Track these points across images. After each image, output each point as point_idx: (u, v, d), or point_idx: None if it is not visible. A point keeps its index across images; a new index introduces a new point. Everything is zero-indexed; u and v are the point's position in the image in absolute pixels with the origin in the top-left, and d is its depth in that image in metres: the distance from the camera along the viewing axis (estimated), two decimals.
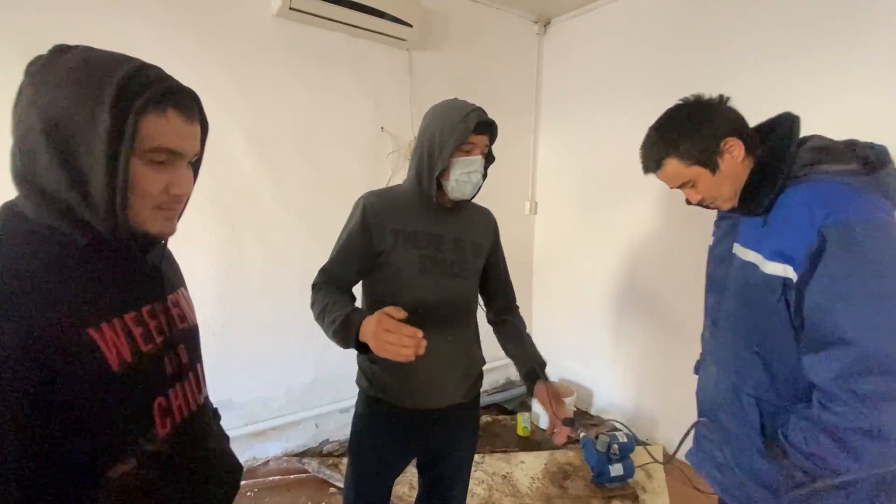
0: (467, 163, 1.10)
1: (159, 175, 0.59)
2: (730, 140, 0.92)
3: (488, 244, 1.26)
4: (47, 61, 0.55)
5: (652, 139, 1.01)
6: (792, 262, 0.82)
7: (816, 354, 0.81)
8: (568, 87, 2.67)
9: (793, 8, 1.70)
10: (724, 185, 0.95)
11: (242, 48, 1.87)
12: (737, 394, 0.96)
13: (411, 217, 1.14)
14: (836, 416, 0.77)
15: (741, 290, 0.94)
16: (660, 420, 2.38)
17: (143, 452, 0.60)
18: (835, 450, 0.78)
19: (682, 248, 2.18)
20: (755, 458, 0.92)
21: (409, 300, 1.09)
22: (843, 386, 0.76)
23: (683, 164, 0.95)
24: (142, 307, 0.64)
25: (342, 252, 1.15)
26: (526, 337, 1.31)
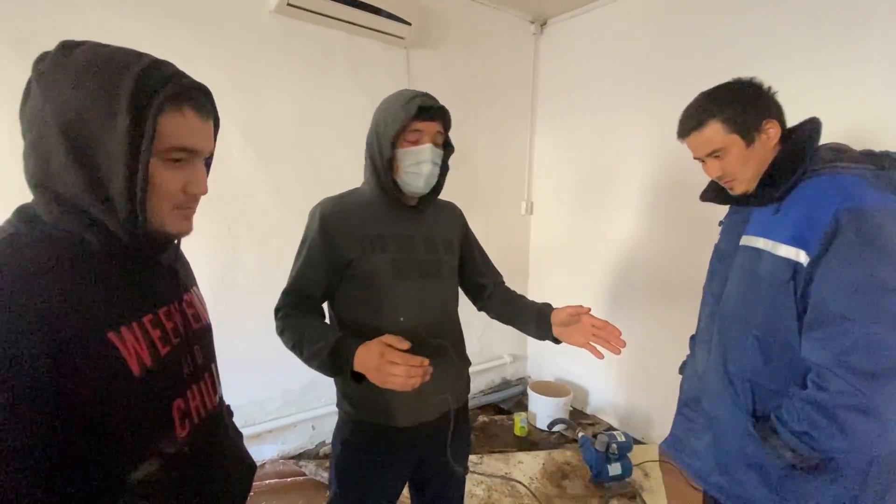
0: (414, 153, 1.01)
1: (177, 174, 0.58)
2: (771, 121, 0.95)
3: (458, 239, 1.20)
4: (56, 59, 0.53)
5: (699, 101, 1.01)
6: (806, 245, 0.85)
7: (816, 332, 0.84)
8: (564, 88, 2.68)
9: (790, 9, 1.73)
10: (749, 163, 0.96)
11: (239, 44, 1.83)
12: (730, 379, 0.99)
13: (376, 220, 1.06)
14: (831, 394, 0.80)
15: (747, 275, 0.97)
16: (654, 419, 2.40)
17: (163, 454, 0.60)
18: (827, 428, 0.81)
19: (677, 248, 2.21)
20: (744, 439, 0.94)
21: (388, 308, 1.03)
22: (842, 363, 0.79)
23: (723, 129, 0.96)
24: (158, 309, 0.62)
25: (305, 269, 1.05)
26: (519, 297, 1.24)
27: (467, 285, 1.29)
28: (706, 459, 1.03)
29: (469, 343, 2.91)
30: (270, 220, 2.01)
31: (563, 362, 2.85)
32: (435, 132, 1.03)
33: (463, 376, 1.19)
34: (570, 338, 1.08)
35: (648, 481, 2.07)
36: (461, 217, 1.26)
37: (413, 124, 1.01)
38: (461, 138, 2.51)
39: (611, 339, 1.01)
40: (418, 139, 1.02)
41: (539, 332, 1.13)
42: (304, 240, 1.08)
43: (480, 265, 1.28)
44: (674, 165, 2.21)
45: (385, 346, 0.87)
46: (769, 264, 0.91)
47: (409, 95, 1.01)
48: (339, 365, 0.92)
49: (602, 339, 1.02)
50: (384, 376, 0.85)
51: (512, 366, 3.00)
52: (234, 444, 0.78)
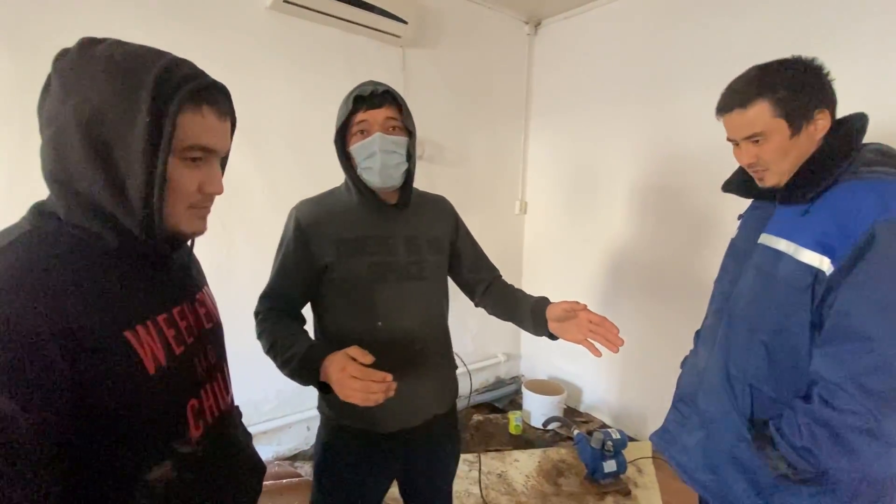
0: (363, 147, 0.96)
1: (194, 173, 0.58)
2: (824, 112, 0.86)
3: (447, 235, 1.15)
4: (77, 56, 0.52)
5: (751, 75, 0.91)
6: (832, 253, 0.79)
7: (832, 348, 0.79)
8: (558, 88, 2.70)
9: (784, 10, 1.77)
10: (789, 154, 0.88)
11: (234, 41, 1.81)
12: (730, 381, 0.95)
13: (353, 222, 1.01)
14: (840, 413, 0.76)
15: (762, 277, 0.91)
16: (648, 416, 2.44)
17: (177, 455, 0.59)
18: (830, 446, 0.77)
19: (670, 248, 2.25)
20: (737, 443, 0.92)
21: (366, 313, 1.00)
22: (857, 382, 0.74)
23: (771, 112, 0.86)
24: (172, 308, 0.62)
25: (282, 274, 1.03)
26: (516, 292, 1.18)
27: (461, 282, 1.24)
28: (695, 456, 1.02)
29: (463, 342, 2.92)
30: (265, 219, 1.99)
31: (556, 361, 2.88)
32: (383, 119, 0.96)
33: (448, 381, 1.15)
34: (565, 334, 1.03)
35: (642, 477, 2.10)
36: (451, 212, 1.19)
37: (356, 117, 0.96)
38: (456, 137, 2.55)
39: (608, 336, 0.96)
40: (367, 130, 0.96)
41: (535, 328, 1.08)
42: (280, 243, 1.05)
43: (474, 260, 1.22)
44: (666, 166, 2.24)
45: (348, 359, 0.83)
46: (788, 268, 0.85)
47: (351, 89, 0.97)
48: (307, 375, 0.90)
49: (599, 336, 0.97)
50: (344, 390, 0.82)
51: (506, 364, 3.01)
52: (245, 445, 0.78)
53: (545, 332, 1.07)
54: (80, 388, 0.48)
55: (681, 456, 1.05)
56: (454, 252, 1.18)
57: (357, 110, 0.96)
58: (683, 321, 2.23)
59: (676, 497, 1.99)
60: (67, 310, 0.48)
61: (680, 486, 2.05)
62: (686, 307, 2.20)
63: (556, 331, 1.04)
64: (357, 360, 0.83)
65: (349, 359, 0.83)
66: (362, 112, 0.95)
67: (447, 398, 1.14)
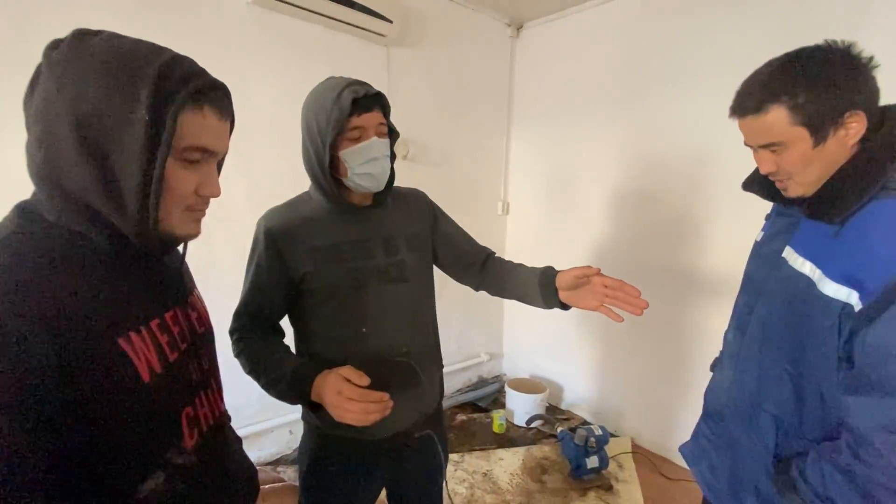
0: (360, 151, 0.91)
1: (191, 175, 0.56)
2: (858, 114, 0.72)
3: (426, 228, 1.10)
4: (71, 48, 0.50)
5: (769, 73, 0.77)
6: (861, 288, 0.69)
7: (863, 397, 0.70)
8: (539, 90, 2.73)
9: (762, 16, 1.83)
10: (815, 164, 0.76)
11: (214, 36, 1.76)
12: (753, 409, 0.88)
13: (327, 228, 0.97)
14: (866, 467, 0.69)
15: (786, 302, 0.82)
16: (626, 412, 2.49)
17: (172, 466, 0.57)
18: (854, 500, 0.70)
19: (648, 248, 2.31)
20: (762, 479, 0.87)
21: (350, 321, 0.97)
22: (885, 437, 0.67)
23: (789, 119, 0.74)
24: (165, 313, 0.60)
25: (255, 288, 0.97)
26: (517, 267, 1.11)
27: (453, 270, 1.18)
28: (721, 478, 0.97)
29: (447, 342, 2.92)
30: (246, 220, 1.92)
31: (537, 359, 2.91)
32: (377, 123, 0.92)
33: (436, 381, 1.12)
34: (580, 301, 0.95)
35: (622, 472, 2.15)
36: (426, 203, 1.14)
37: (350, 121, 0.90)
38: (440, 138, 2.55)
39: (629, 300, 0.87)
40: (360, 136, 0.91)
41: (545, 300, 1.00)
42: (251, 256, 0.99)
43: (462, 245, 1.16)
44: (646, 167, 2.30)
45: (343, 381, 0.81)
46: (812, 300, 0.76)
47: (338, 88, 0.90)
48: (296, 396, 0.88)
49: (619, 301, 0.88)
50: (341, 412, 0.79)
51: (488, 364, 3.03)
52: (237, 450, 0.76)
53: (556, 302, 1.00)
54: (72, 398, 0.45)
55: (709, 474, 1.00)
56: (439, 242, 1.13)
57: (352, 114, 0.90)
58: (662, 319, 2.30)
59: (656, 490, 2.04)
60: (58, 316, 0.45)
61: (659, 480, 2.12)
62: (665, 305, 2.26)
63: (569, 300, 0.97)
64: (352, 381, 0.80)
65: (344, 380, 0.81)
66: (357, 116, 0.90)
67: (435, 398, 1.12)
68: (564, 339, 2.73)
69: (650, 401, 2.35)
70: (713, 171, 2.01)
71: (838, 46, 0.74)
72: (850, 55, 0.73)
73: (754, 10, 1.84)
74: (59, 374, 0.44)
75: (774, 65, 0.77)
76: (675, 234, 2.21)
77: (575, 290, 0.96)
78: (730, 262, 1.13)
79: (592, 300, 0.93)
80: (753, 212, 1.13)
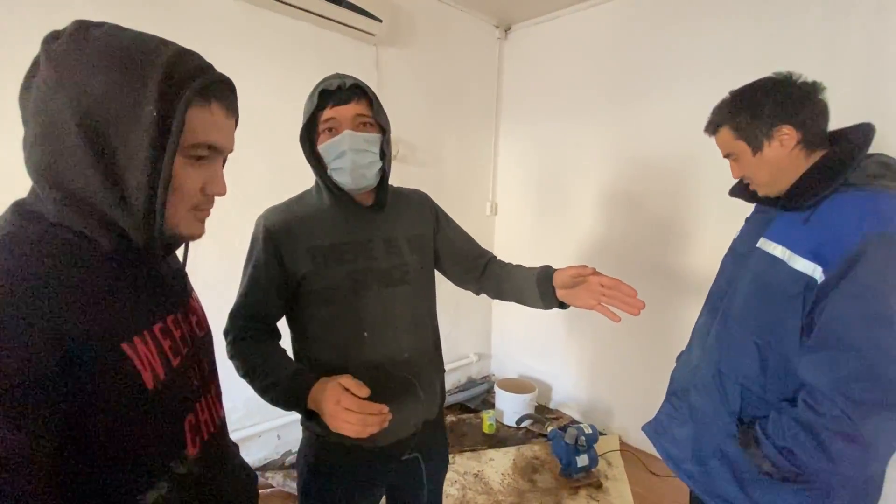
0: (331, 146, 0.89)
1: (198, 173, 0.54)
2: (785, 128, 0.91)
3: (429, 230, 1.08)
4: (72, 39, 0.47)
5: (720, 103, 1.00)
6: (824, 262, 0.82)
7: (818, 355, 0.81)
8: (528, 92, 2.75)
9: (749, 19, 1.88)
10: (761, 169, 0.95)
11: (200, 32, 1.71)
12: (721, 378, 0.98)
13: (327, 228, 0.95)
14: (821, 417, 0.79)
15: (758, 280, 0.94)
16: (615, 410, 2.52)
17: (175, 476, 0.55)
18: (812, 449, 0.80)
19: (636, 248, 2.34)
20: (725, 439, 0.96)
21: (350, 324, 0.95)
22: (839, 389, 0.77)
23: (732, 135, 0.97)
24: (167, 317, 0.58)
25: (253, 289, 0.95)
26: (516, 268, 1.09)
27: (454, 274, 1.16)
28: (684, 448, 1.05)
29: None
30: (232, 221, 1.89)
31: (525, 359, 2.93)
32: (353, 115, 0.88)
33: (437, 386, 1.10)
34: (576, 300, 0.95)
35: (612, 470, 2.17)
36: (429, 205, 1.12)
37: (322, 114, 0.89)
38: (429, 138, 2.54)
39: (625, 300, 0.88)
40: (334, 128, 0.89)
41: (543, 299, 0.99)
42: (249, 255, 0.97)
43: (464, 249, 1.14)
44: (632, 168, 2.33)
45: (342, 390, 0.78)
46: (781, 275, 0.88)
47: (319, 83, 0.90)
48: (292, 403, 0.86)
49: (616, 300, 0.89)
50: (338, 423, 0.77)
51: (477, 364, 3.04)
52: (236, 456, 0.74)
53: (553, 301, 0.99)
54: (74, 406, 0.43)
55: (670, 446, 1.09)
56: (441, 245, 1.11)
57: (323, 107, 0.88)
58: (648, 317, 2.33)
59: (645, 487, 2.07)
60: (61, 321, 0.43)
61: (647, 477, 2.15)
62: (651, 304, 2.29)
63: (566, 298, 0.97)
64: (351, 391, 0.78)
65: (343, 390, 0.78)
66: (329, 108, 0.88)
67: (437, 403, 1.10)
68: (552, 338, 2.76)
69: (637, 399, 2.38)
70: (699, 174, 2.05)
71: (777, 78, 0.95)
72: (781, 83, 0.93)
73: (740, 16, 1.89)
74: (61, 381, 0.42)
75: (728, 96, 1.00)
76: (662, 234, 2.25)
77: (572, 289, 0.96)
78: (716, 262, 1.17)
79: (589, 299, 0.93)
80: (738, 213, 1.16)
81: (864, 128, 0.91)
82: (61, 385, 0.42)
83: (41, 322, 0.41)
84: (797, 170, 0.92)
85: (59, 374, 0.42)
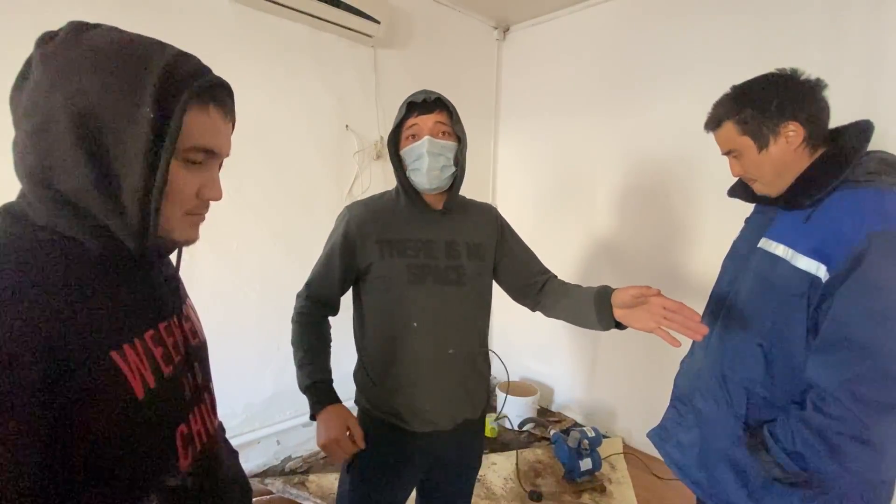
0: (412, 149, 1.01)
1: (194, 177, 0.53)
2: (792, 124, 0.88)
3: (491, 241, 1.16)
4: (67, 40, 0.46)
5: (723, 97, 0.97)
6: (828, 261, 0.80)
7: (826, 356, 0.79)
8: (527, 93, 2.74)
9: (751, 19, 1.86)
10: (765, 166, 0.92)
11: (195, 34, 1.69)
12: (725, 383, 0.96)
13: (398, 224, 1.06)
14: (831, 420, 0.77)
15: (760, 281, 0.93)
16: (618, 413, 2.50)
17: (166, 490, 0.53)
18: (822, 452, 0.78)
19: (639, 249, 2.32)
20: (732, 444, 0.94)
21: (402, 314, 1.04)
22: (848, 390, 0.75)
23: (736, 131, 0.93)
24: (159, 323, 0.56)
25: (325, 270, 1.10)
26: (575, 287, 1.12)
27: (511, 287, 1.21)
28: (689, 454, 1.03)
29: None
30: (230, 223, 1.88)
31: (528, 362, 2.90)
32: (433, 123, 1.01)
33: (480, 387, 1.16)
34: (635, 322, 0.92)
35: (615, 473, 2.15)
36: (496, 218, 1.21)
37: (407, 122, 1.02)
38: None
39: (688, 324, 0.85)
40: (416, 134, 1.01)
41: (600, 320, 0.98)
42: (330, 238, 1.11)
43: (525, 263, 1.19)
44: (634, 169, 2.32)
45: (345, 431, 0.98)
46: (785, 274, 0.86)
47: (406, 98, 1.04)
48: (308, 394, 1.03)
49: (677, 324, 0.86)
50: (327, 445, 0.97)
51: None
52: (231, 465, 0.72)
53: (611, 322, 0.98)
54: (61, 417, 0.42)
55: (675, 453, 1.07)
56: (502, 257, 1.17)
57: (409, 115, 1.01)
58: None
59: (649, 491, 2.05)
60: (48, 328, 0.42)
61: (652, 480, 2.12)
62: None
63: (624, 318, 0.95)
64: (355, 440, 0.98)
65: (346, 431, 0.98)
66: (414, 117, 1.01)
67: (479, 404, 1.15)
68: (556, 342, 2.73)
69: (641, 401, 2.36)
70: (702, 173, 2.04)
71: (782, 74, 0.92)
72: (786, 78, 0.91)
73: (742, 12, 1.87)
74: (46, 392, 0.40)
75: (731, 90, 0.97)
76: (665, 234, 2.24)
77: (631, 309, 0.94)
78: (721, 262, 1.16)
79: (649, 321, 0.90)
80: (743, 212, 1.15)
81: (862, 125, 0.90)
82: (46, 396, 0.40)
83: (25, 328, 0.40)
84: (799, 168, 0.90)
85: (44, 385, 0.40)
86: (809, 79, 0.91)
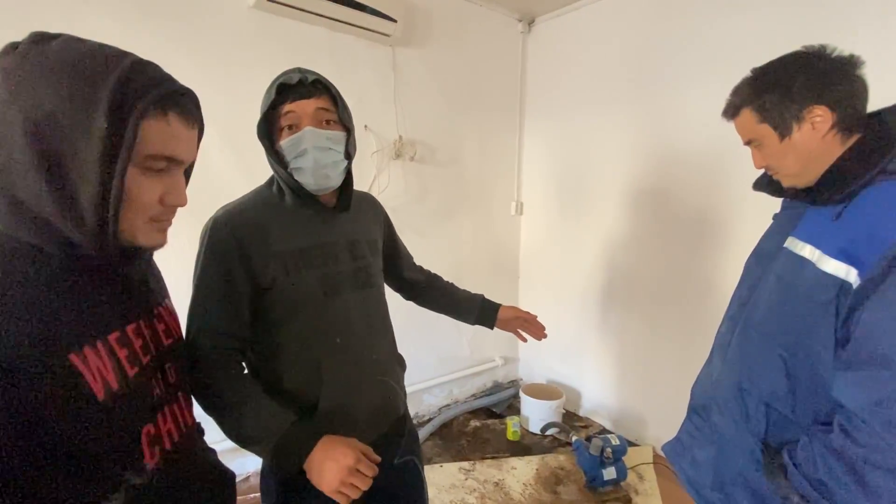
0: (291, 143, 0.83)
1: (155, 184, 0.54)
2: (818, 109, 0.78)
3: (381, 236, 1.09)
4: (27, 51, 0.48)
5: (742, 82, 0.88)
6: (859, 264, 0.70)
7: (855, 373, 0.70)
8: (553, 87, 2.65)
9: (780, 8, 1.73)
10: (788, 157, 0.82)
11: (216, 41, 1.76)
12: (742, 397, 0.88)
13: (291, 230, 0.88)
14: (861, 448, 0.68)
15: (784, 285, 0.84)
16: (648, 420, 2.38)
17: (130, 487, 0.54)
18: (848, 483, 0.69)
19: (667, 249, 2.20)
20: (748, 464, 0.86)
21: (322, 331, 0.89)
22: (878, 414, 0.66)
23: (755, 119, 0.84)
24: (126, 325, 0.57)
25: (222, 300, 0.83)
26: (455, 286, 1.30)
27: (396, 281, 1.23)
28: (704, 472, 0.96)
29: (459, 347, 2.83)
30: None
31: (554, 364, 2.82)
32: (314, 110, 0.83)
33: (401, 382, 1.10)
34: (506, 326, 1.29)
35: (643, 484, 2.05)
36: (381, 209, 1.13)
37: (282, 108, 0.83)
38: (449, 138, 2.50)
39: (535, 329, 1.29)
40: (295, 124, 0.84)
41: (482, 320, 1.27)
42: (207, 265, 0.84)
43: (406, 257, 1.23)
44: (663, 165, 2.19)
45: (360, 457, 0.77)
46: (811, 278, 0.77)
47: (275, 77, 0.85)
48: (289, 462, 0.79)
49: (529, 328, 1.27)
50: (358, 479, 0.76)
51: (503, 368, 2.96)
52: (207, 461, 0.73)
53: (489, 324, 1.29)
54: (20, 418, 0.43)
55: (690, 469, 0.99)
56: (389, 251, 1.15)
57: (283, 101, 0.83)
58: (683, 322, 2.19)
59: None
60: (4, 335, 0.43)
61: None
62: (686, 308, 2.15)
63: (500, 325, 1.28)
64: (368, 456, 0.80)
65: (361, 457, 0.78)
66: (289, 103, 0.83)
67: (403, 399, 1.10)
68: (583, 344, 2.64)
69: (672, 408, 2.21)
70: (733, 168, 1.89)
71: (808, 51, 0.82)
72: (814, 56, 0.80)
73: (773, 3, 1.73)
74: (5, 393, 0.42)
75: (749, 73, 0.87)
76: (695, 233, 2.10)
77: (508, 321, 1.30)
78: None
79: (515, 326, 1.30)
80: (776, 208, 1.04)
81: None
82: (5, 399, 0.42)
83: None
84: (830, 157, 0.79)
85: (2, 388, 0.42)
86: (841, 56, 0.79)
